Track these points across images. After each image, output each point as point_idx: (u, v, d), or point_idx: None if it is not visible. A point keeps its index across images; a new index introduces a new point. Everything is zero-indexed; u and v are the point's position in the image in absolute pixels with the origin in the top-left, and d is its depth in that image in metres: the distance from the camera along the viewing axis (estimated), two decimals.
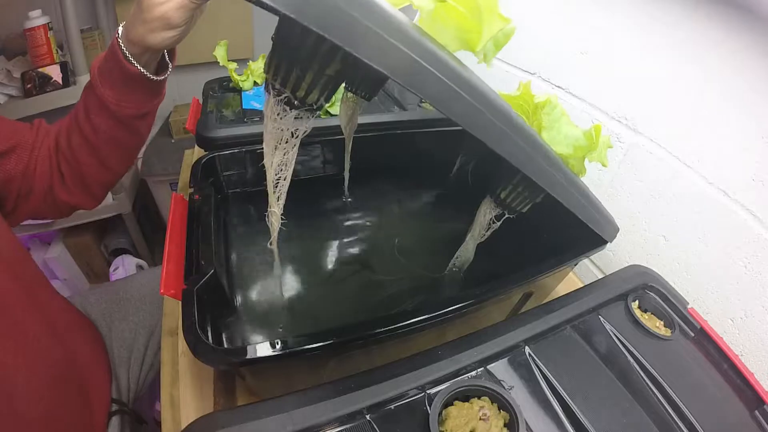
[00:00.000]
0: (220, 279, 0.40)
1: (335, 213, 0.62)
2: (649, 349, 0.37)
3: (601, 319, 0.39)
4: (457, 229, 0.51)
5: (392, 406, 0.30)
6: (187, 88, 1.31)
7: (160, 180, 1.23)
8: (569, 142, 0.37)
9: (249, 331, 0.43)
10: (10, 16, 0.99)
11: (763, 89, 0.41)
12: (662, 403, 0.34)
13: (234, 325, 0.44)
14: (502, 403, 0.30)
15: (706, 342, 0.40)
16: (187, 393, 0.41)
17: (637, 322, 0.39)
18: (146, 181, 1.25)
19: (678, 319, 0.41)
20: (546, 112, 0.37)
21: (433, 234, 0.61)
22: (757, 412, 0.36)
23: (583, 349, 0.36)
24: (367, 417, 0.29)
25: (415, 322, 0.33)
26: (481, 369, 0.33)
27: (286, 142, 0.30)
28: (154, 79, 0.45)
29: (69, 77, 0.99)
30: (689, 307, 0.42)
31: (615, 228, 0.44)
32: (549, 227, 0.50)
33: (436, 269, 0.51)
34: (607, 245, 0.44)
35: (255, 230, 0.56)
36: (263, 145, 0.31)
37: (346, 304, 0.49)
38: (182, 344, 0.47)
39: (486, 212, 0.41)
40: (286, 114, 0.28)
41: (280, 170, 0.31)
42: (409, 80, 0.22)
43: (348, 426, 0.28)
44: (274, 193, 0.33)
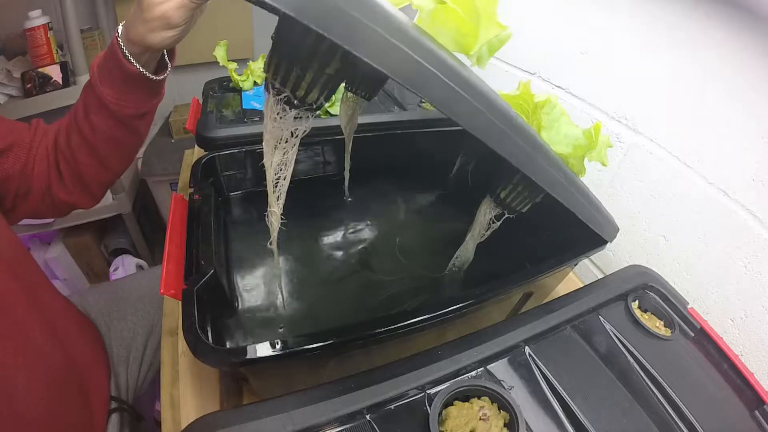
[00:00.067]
0: (220, 279, 0.40)
1: (335, 213, 0.62)
2: (649, 349, 0.37)
3: (601, 319, 0.39)
4: (457, 229, 0.51)
5: (392, 406, 0.30)
6: (187, 88, 1.31)
7: (160, 180, 1.23)
8: (569, 142, 0.37)
9: (249, 331, 0.43)
10: (10, 16, 0.99)
11: (763, 89, 0.41)
12: (662, 403, 0.34)
13: (234, 325, 0.44)
14: (502, 403, 0.30)
15: (706, 342, 0.40)
16: (187, 393, 0.41)
17: (637, 322, 0.39)
18: (146, 181, 1.25)
19: (678, 319, 0.41)
20: (545, 112, 0.37)
21: (433, 234, 0.61)
22: (757, 412, 0.36)
23: (583, 349, 0.36)
24: (367, 417, 0.28)
25: (415, 322, 0.33)
26: (481, 369, 0.33)
27: (286, 141, 0.30)
28: (153, 78, 0.45)
29: (69, 77, 0.99)
30: (689, 307, 0.42)
31: (615, 228, 0.44)
32: (549, 227, 0.50)
33: (436, 269, 0.51)
34: (607, 245, 0.44)
35: (255, 230, 0.56)
36: (263, 145, 0.31)
37: (346, 304, 0.49)
38: (182, 344, 0.47)
39: (486, 212, 0.41)
40: (286, 113, 0.28)
41: (280, 170, 0.31)
42: (408, 80, 0.22)
43: (348, 426, 0.28)
44: (274, 192, 0.32)
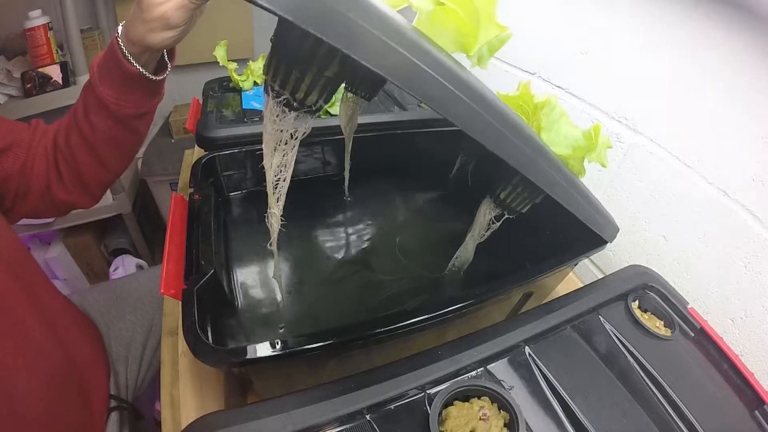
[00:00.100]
0: (220, 279, 0.40)
1: (335, 213, 0.62)
2: (649, 349, 0.37)
3: (601, 319, 0.39)
4: (457, 229, 0.51)
5: (392, 406, 0.30)
6: (187, 88, 1.31)
7: (160, 180, 1.23)
8: (568, 143, 0.37)
9: (249, 331, 0.43)
10: (10, 16, 0.99)
11: (763, 89, 0.41)
12: (662, 403, 0.34)
13: (234, 325, 0.44)
14: (502, 403, 0.30)
15: (706, 342, 0.40)
16: (187, 393, 0.41)
17: (637, 322, 0.39)
18: (146, 181, 1.25)
19: (678, 319, 0.41)
20: (545, 113, 0.37)
21: (433, 234, 0.61)
22: (757, 412, 0.36)
23: (583, 349, 0.36)
24: (367, 417, 0.29)
25: (415, 322, 0.33)
26: (481, 369, 0.33)
27: (286, 143, 0.30)
28: (152, 78, 0.45)
29: (69, 77, 0.99)
30: (689, 307, 0.42)
31: (615, 228, 0.44)
32: (549, 227, 0.50)
33: (436, 269, 0.51)
34: (607, 245, 0.44)
35: (255, 230, 0.56)
36: (263, 147, 0.31)
37: (346, 304, 0.49)
38: (182, 344, 0.47)
39: (486, 212, 0.41)
40: (286, 116, 0.28)
41: (280, 171, 0.31)
42: (407, 83, 0.22)
43: (348, 426, 0.28)
44: (274, 194, 0.32)
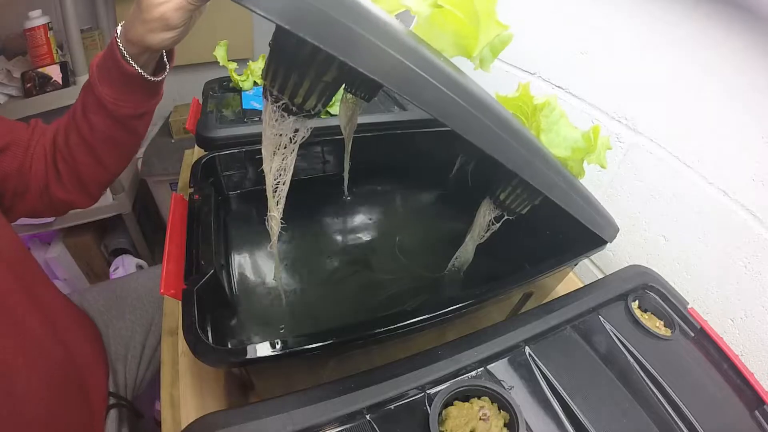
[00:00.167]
0: (220, 279, 0.40)
1: (335, 213, 0.62)
2: (649, 349, 0.37)
3: (601, 319, 0.39)
4: (457, 230, 0.51)
5: (392, 406, 0.30)
6: (187, 88, 1.31)
7: (160, 180, 1.23)
8: (568, 145, 0.37)
9: (249, 331, 0.43)
10: (10, 16, 0.99)
11: (763, 89, 0.41)
12: (662, 403, 0.34)
13: (234, 325, 0.44)
14: (502, 403, 0.30)
15: (706, 342, 0.40)
16: (187, 393, 0.41)
17: (637, 322, 0.39)
18: (146, 181, 1.25)
19: (678, 319, 0.41)
20: (545, 114, 0.37)
21: (432, 234, 0.61)
22: (757, 412, 0.36)
23: (583, 349, 0.36)
24: (367, 417, 0.29)
25: (415, 322, 0.33)
26: (481, 369, 0.33)
27: (285, 147, 0.30)
28: (151, 79, 0.45)
29: (69, 77, 0.99)
30: (689, 307, 0.42)
31: (615, 228, 0.44)
32: (549, 228, 0.50)
33: (435, 269, 0.51)
34: (607, 245, 0.44)
35: (255, 230, 0.56)
36: (262, 150, 0.31)
37: (346, 304, 0.49)
38: (182, 344, 0.47)
39: (485, 213, 0.41)
40: (285, 120, 0.28)
41: (279, 175, 0.31)
42: (404, 89, 0.22)
43: (348, 426, 0.28)
44: (273, 197, 0.32)
